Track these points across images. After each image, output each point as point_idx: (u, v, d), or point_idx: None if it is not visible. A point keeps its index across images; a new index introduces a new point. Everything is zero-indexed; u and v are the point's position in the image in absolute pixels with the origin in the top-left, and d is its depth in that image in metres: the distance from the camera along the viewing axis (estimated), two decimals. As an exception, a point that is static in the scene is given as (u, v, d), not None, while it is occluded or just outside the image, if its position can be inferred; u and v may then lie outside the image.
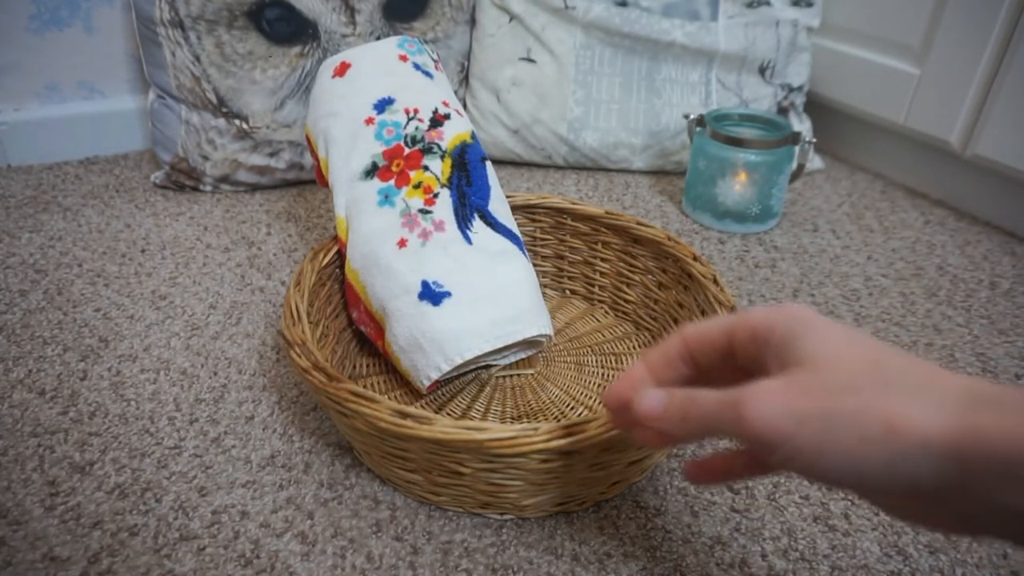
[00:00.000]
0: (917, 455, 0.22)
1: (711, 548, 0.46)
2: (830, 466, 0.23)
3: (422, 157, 0.57)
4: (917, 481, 0.22)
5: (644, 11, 0.96)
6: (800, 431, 0.23)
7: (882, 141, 1.03)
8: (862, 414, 0.23)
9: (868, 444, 0.22)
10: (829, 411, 0.23)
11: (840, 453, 0.23)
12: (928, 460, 0.22)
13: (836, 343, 0.25)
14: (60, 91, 0.99)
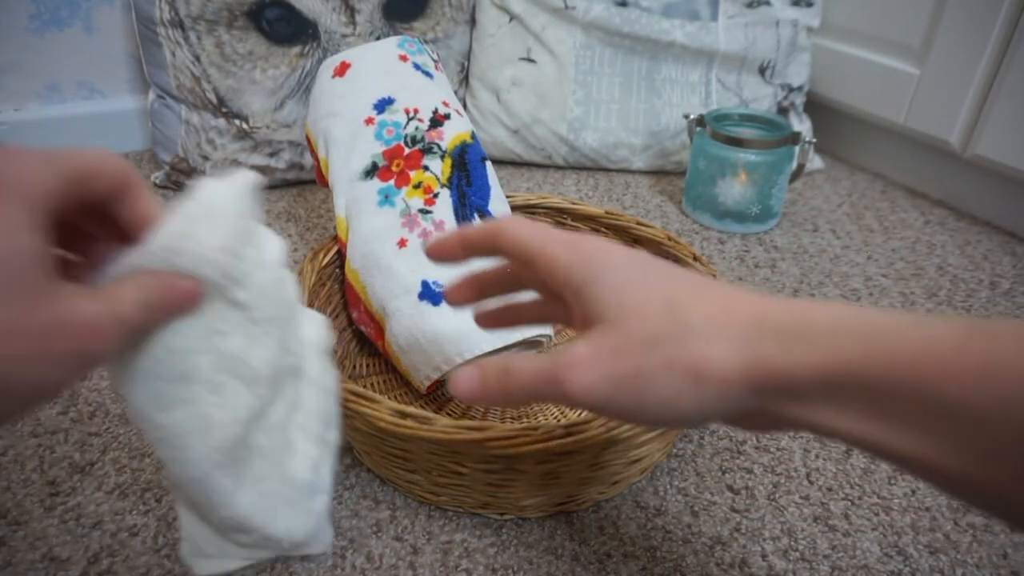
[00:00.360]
0: (723, 394, 0.24)
1: (711, 548, 0.46)
2: (652, 416, 0.26)
3: (422, 157, 0.57)
4: (728, 412, 0.26)
5: (644, 11, 0.96)
6: (618, 393, 0.25)
7: (882, 141, 1.03)
8: (670, 368, 0.25)
9: (681, 393, 0.25)
10: (640, 369, 0.25)
11: (658, 404, 0.25)
12: (731, 396, 0.24)
13: (631, 288, 0.26)
14: (60, 91, 0.99)
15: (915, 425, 0.22)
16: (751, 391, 0.24)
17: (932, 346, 0.21)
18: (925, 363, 0.21)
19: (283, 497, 0.32)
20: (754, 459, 0.53)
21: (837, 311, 0.24)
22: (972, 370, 0.20)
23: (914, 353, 0.21)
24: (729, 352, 0.24)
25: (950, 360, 0.21)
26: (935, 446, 0.21)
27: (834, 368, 0.23)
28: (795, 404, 0.24)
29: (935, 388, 0.21)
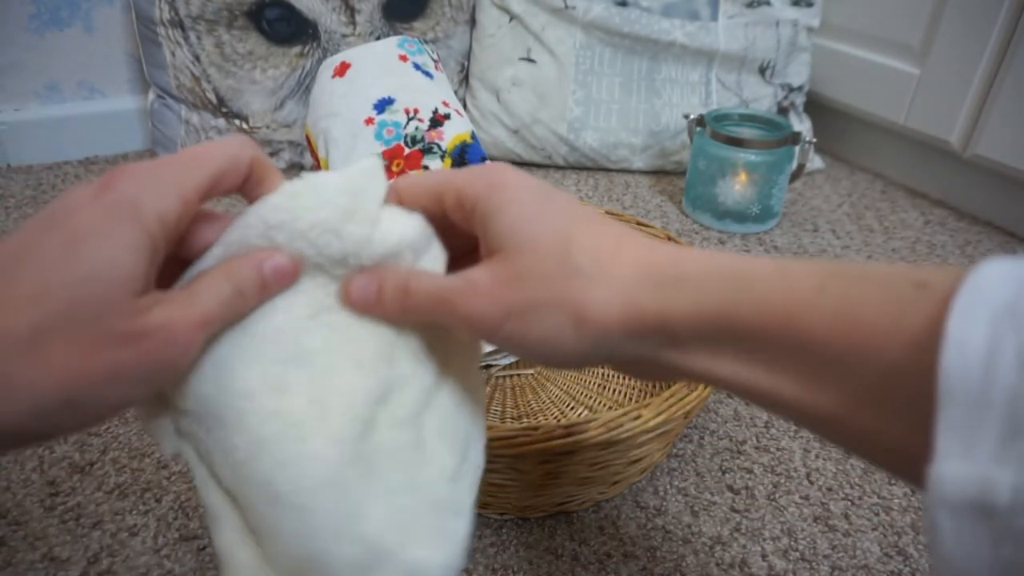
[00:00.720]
0: (601, 338, 0.25)
1: (711, 548, 0.46)
2: (534, 351, 0.26)
3: (422, 157, 0.57)
4: (609, 357, 0.26)
5: (644, 11, 0.96)
6: (507, 323, 0.26)
7: (882, 141, 1.03)
8: (554, 306, 0.25)
9: (562, 333, 0.25)
10: (528, 303, 0.26)
11: (541, 340, 0.26)
12: (610, 341, 0.25)
13: (531, 220, 0.26)
14: (60, 91, 0.99)
15: (782, 367, 0.22)
16: (628, 337, 0.25)
17: (794, 289, 0.22)
18: (790, 306, 0.22)
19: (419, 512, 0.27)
20: (754, 459, 0.53)
21: (711, 259, 0.25)
22: (831, 312, 0.21)
23: (778, 297, 0.22)
24: (609, 297, 0.25)
25: (811, 302, 0.21)
26: (801, 386, 0.22)
27: (705, 314, 0.23)
28: (673, 351, 0.25)
29: (798, 330, 0.22)
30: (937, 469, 0.17)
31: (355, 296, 0.28)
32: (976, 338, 0.17)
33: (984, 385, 0.17)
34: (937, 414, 0.17)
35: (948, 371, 0.17)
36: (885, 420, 0.20)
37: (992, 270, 0.18)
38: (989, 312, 0.17)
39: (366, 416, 0.27)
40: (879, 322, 0.20)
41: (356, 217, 0.27)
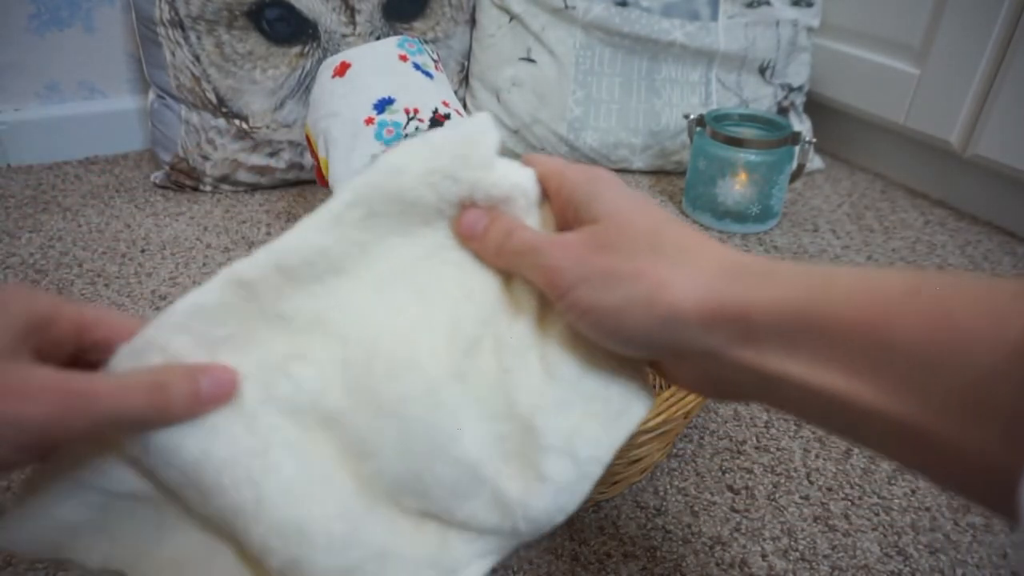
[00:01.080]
0: (670, 321, 0.25)
1: (711, 548, 0.46)
2: (600, 321, 0.26)
3: (422, 157, 0.57)
4: (672, 343, 0.26)
5: (644, 11, 0.96)
6: (581, 284, 0.26)
7: (882, 141, 1.03)
8: (633, 278, 0.25)
9: (634, 304, 0.25)
10: (608, 270, 0.26)
11: (610, 309, 0.26)
12: (678, 325, 0.25)
13: (627, 206, 0.28)
14: (60, 91, 0.99)
15: (864, 369, 0.21)
16: (701, 324, 0.25)
17: (887, 290, 0.21)
18: (880, 306, 0.21)
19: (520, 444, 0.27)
20: (754, 459, 0.53)
21: (801, 265, 0.25)
22: (925, 314, 0.20)
23: (868, 296, 0.22)
24: (689, 282, 0.25)
25: (903, 303, 0.21)
26: (883, 391, 0.21)
27: (787, 307, 0.23)
28: (746, 346, 0.24)
29: (887, 330, 0.21)
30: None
31: (464, 225, 0.30)
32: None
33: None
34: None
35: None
36: (974, 430, 0.19)
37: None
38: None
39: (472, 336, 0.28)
40: (977, 327, 0.19)
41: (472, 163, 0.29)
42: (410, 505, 0.27)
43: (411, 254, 0.29)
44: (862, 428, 0.22)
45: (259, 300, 0.28)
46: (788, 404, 0.25)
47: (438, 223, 0.30)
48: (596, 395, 0.28)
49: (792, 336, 0.23)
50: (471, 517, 0.27)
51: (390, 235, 0.29)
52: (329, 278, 0.29)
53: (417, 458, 0.27)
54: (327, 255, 0.28)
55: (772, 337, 0.23)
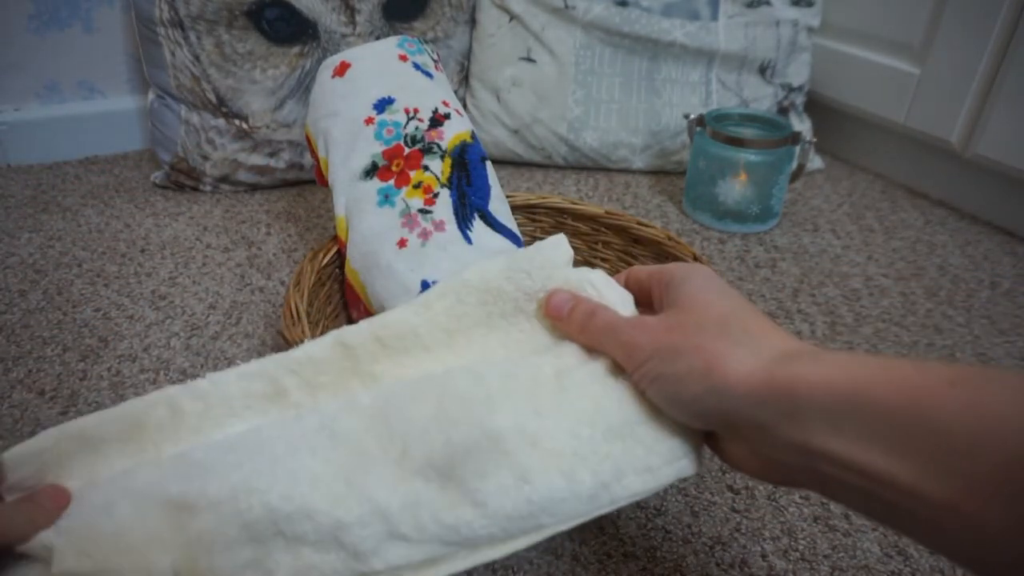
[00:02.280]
0: (723, 391, 0.27)
1: (711, 548, 0.46)
2: (663, 389, 0.30)
3: (422, 157, 0.57)
4: (724, 413, 0.28)
5: (644, 11, 0.96)
6: (652, 358, 0.30)
7: (882, 141, 1.03)
8: (695, 351, 0.29)
9: (692, 375, 0.28)
10: (675, 345, 0.29)
11: (672, 378, 0.29)
12: (731, 396, 0.27)
13: (707, 293, 0.31)
14: (60, 91, 0.99)
15: (904, 450, 0.23)
16: (750, 397, 0.27)
17: (928, 378, 0.23)
18: (922, 391, 0.23)
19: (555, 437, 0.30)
20: (754, 459, 0.53)
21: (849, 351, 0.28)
22: (964, 402, 0.22)
23: (912, 382, 0.24)
24: (745, 359, 0.27)
25: (945, 392, 0.23)
26: (921, 471, 0.23)
27: (834, 387, 0.25)
28: (793, 422, 0.26)
29: (928, 415, 0.23)
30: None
31: (552, 306, 0.34)
32: None
33: None
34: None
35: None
36: (1001, 511, 0.21)
37: None
38: None
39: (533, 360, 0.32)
40: (1009, 415, 0.21)
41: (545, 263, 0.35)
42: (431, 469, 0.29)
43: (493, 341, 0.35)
44: (899, 509, 0.24)
45: (356, 360, 0.34)
46: (831, 485, 0.26)
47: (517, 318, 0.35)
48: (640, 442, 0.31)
49: (836, 415, 0.25)
50: (488, 495, 0.28)
51: (475, 327, 0.35)
52: (417, 352, 0.34)
53: (448, 420, 0.29)
54: (416, 333, 0.34)
55: (817, 414, 0.25)
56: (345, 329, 0.34)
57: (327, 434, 0.30)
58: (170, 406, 0.32)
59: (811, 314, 0.71)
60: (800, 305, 0.73)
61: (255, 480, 0.28)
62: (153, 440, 0.31)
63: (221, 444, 0.30)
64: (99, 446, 0.31)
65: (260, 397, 0.33)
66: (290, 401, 0.33)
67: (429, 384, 0.32)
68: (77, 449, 0.30)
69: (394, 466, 0.29)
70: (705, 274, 0.33)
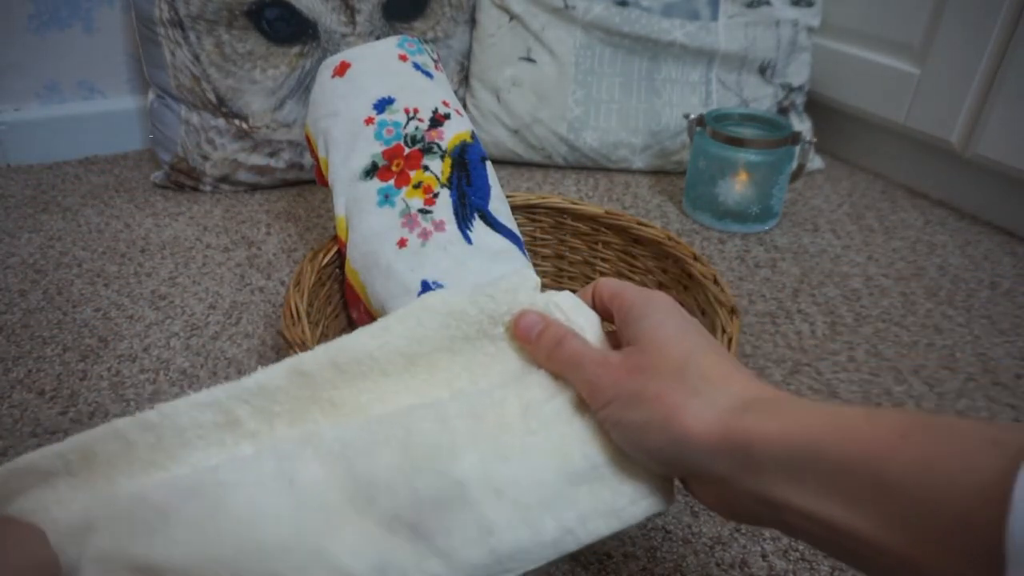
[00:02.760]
0: (682, 443, 0.27)
1: (711, 548, 0.46)
2: (625, 436, 0.30)
3: (422, 157, 0.57)
4: (686, 463, 0.28)
5: (644, 11, 0.96)
6: (614, 402, 0.30)
7: (882, 141, 1.03)
8: (654, 401, 0.28)
9: (652, 425, 0.28)
10: (635, 392, 0.29)
11: (633, 427, 0.29)
12: (691, 448, 0.27)
13: (667, 333, 0.31)
14: (60, 91, 0.99)
15: (861, 504, 0.23)
16: (709, 451, 0.27)
17: (880, 430, 0.24)
18: (873, 445, 0.23)
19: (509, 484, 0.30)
20: (754, 459, 0.53)
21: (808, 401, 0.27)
22: (911, 458, 0.23)
23: (864, 435, 0.24)
24: (703, 411, 0.27)
25: (896, 445, 0.23)
26: (878, 525, 0.23)
27: (793, 439, 0.25)
28: (750, 474, 0.26)
29: (880, 470, 0.23)
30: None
31: (521, 328, 0.34)
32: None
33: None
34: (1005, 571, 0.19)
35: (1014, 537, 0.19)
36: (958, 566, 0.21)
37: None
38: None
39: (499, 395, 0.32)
40: (954, 472, 0.21)
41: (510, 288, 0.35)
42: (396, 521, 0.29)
43: (457, 365, 0.34)
44: (862, 558, 0.24)
45: (314, 387, 0.33)
46: (798, 532, 0.26)
47: (481, 341, 0.34)
48: (606, 485, 0.31)
49: (793, 468, 0.25)
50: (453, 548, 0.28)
51: (436, 351, 0.34)
52: (376, 377, 0.33)
53: (412, 468, 0.29)
54: (373, 357, 0.33)
55: (773, 467, 0.25)
56: (300, 356, 0.33)
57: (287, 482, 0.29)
58: (119, 439, 0.31)
59: (811, 314, 0.71)
60: (800, 305, 0.73)
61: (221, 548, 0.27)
62: (104, 473, 0.31)
63: (179, 486, 0.30)
64: (49, 479, 0.30)
65: (212, 427, 0.32)
66: (245, 431, 0.32)
67: (392, 427, 0.31)
68: (29, 484, 0.30)
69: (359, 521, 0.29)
70: (664, 308, 0.32)
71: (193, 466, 0.31)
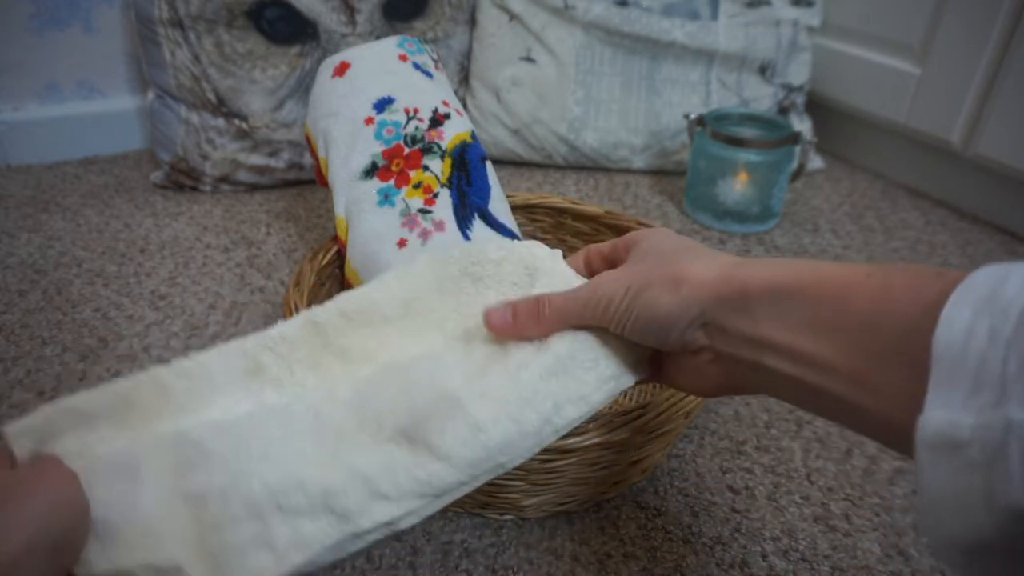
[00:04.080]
0: (692, 299, 0.31)
1: (711, 548, 0.46)
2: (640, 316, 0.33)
3: (422, 157, 0.57)
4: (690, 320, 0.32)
5: (644, 11, 0.95)
6: (626, 295, 0.33)
7: (883, 141, 1.03)
8: (661, 276, 0.32)
9: (662, 294, 0.32)
10: (644, 280, 0.33)
11: (645, 305, 0.32)
12: (698, 301, 0.31)
13: (664, 242, 0.35)
14: (60, 91, 0.99)
15: (827, 331, 0.27)
16: (711, 300, 0.31)
17: (852, 273, 0.28)
18: (844, 281, 0.28)
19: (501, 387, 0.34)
20: (754, 459, 0.53)
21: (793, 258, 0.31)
22: (874, 287, 0.27)
23: (839, 276, 0.28)
24: (707, 269, 0.32)
25: (861, 281, 0.27)
26: (836, 349, 0.27)
27: (781, 281, 0.29)
28: (743, 315, 0.30)
29: (847, 301, 0.27)
30: (924, 417, 0.22)
31: (494, 322, 0.35)
32: (961, 318, 0.22)
33: (962, 353, 0.22)
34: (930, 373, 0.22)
35: (939, 341, 0.22)
36: (897, 376, 0.25)
37: (985, 269, 0.23)
38: (974, 298, 0.22)
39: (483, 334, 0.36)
40: (905, 294, 0.25)
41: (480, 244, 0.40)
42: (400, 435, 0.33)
43: (446, 306, 0.38)
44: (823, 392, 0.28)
45: (326, 335, 0.37)
46: (772, 377, 0.30)
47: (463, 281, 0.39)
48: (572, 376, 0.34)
49: (778, 307, 0.29)
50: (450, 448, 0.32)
51: (428, 294, 0.38)
52: (379, 323, 0.37)
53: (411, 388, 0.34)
54: (376, 304, 0.38)
55: (764, 307, 0.30)
56: (313, 309, 0.37)
57: (312, 414, 0.34)
58: (156, 384, 0.34)
59: (811, 314, 0.71)
60: (800, 305, 0.73)
61: (255, 464, 0.31)
62: (142, 417, 0.33)
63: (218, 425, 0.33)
64: (91, 421, 0.32)
65: (241, 373, 0.35)
66: (270, 376, 0.35)
67: (397, 371, 0.35)
68: (71, 424, 0.32)
69: (370, 439, 0.33)
70: (664, 231, 0.37)
71: (224, 409, 0.34)
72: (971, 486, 0.21)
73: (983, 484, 0.20)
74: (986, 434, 0.20)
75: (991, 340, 0.21)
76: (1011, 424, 0.20)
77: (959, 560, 0.22)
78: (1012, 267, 0.22)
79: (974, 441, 0.20)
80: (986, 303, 0.22)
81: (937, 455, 0.22)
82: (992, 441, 0.20)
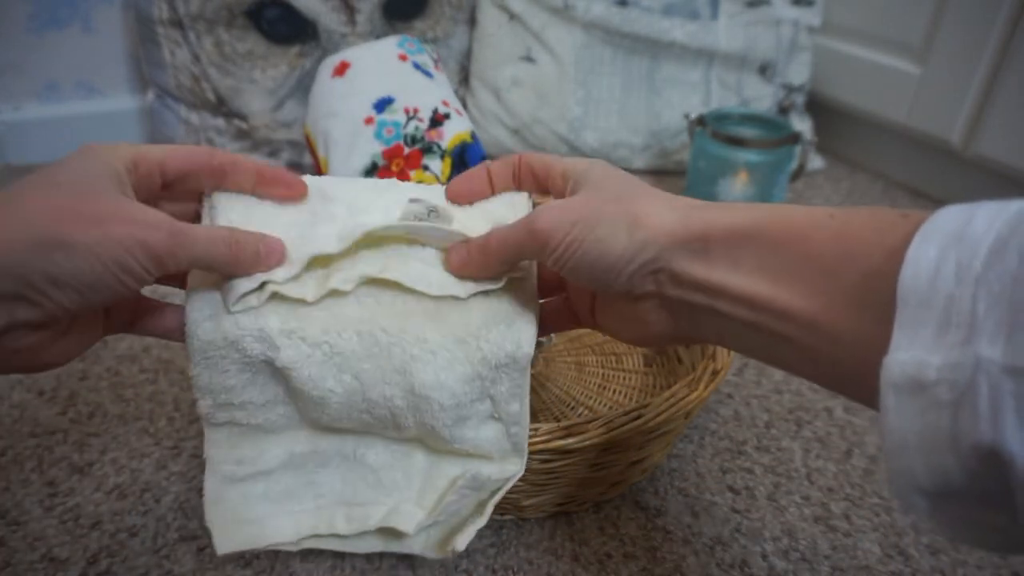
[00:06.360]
0: (649, 242, 0.30)
1: (712, 548, 0.46)
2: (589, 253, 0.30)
3: (422, 157, 0.57)
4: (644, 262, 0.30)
5: (644, 10, 0.95)
6: (573, 230, 0.30)
7: (883, 140, 1.03)
8: (617, 213, 0.30)
9: (616, 233, 0.30)
10: (596, 213, 0.31)
11: (596, 242, 0.30)
12: (655, 245, 0.30)
13: (610, 176, 0.33)
14: (59, 91, 0.99)
15: (786, 275, 0.26)
16: (670, 245, 0.29)
17: (813, 215, 0.27)
18: (805, 224, 0.27)
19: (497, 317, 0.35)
20: (754, 459, 0.53)
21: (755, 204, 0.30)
22: (835, 231, 0.26)
23: (798, 219, 0.27)
24: (663, 212, 0.30)
25: (822, 223, 0.26)
26: (793, 292, 0.26)
27: (737, 227, 0.28)
28: (700, 261, 0.29)
29: (808, 243, 0.26)
30: (889, 358, 0.21)
31: (455, 262, 0.35)
32: (927, 257, 0.21)
33: (928, 293, 0.21)
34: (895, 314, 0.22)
35: (904, 281, 0.22)
36: (858, 320, 0.24)
37: (950, 208, 0.23)
38: (940, 236, 0.22)
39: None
40: (868, 236, 0.24)
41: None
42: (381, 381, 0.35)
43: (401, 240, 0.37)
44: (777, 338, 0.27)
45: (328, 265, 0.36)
46: (722, 323, 0.29)
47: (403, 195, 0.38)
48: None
49: (736, 251, 0.28)
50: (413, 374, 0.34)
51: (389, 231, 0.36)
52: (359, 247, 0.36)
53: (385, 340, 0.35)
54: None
55: (721, 252, 0.28)
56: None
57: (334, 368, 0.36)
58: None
59: (811, 314, 0.71)
60: (800, 305, 0.73)
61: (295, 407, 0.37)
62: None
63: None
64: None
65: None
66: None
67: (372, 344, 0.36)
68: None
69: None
70: (605, 164, 0.35)
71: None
72: (937, 426, 0.20)
73: (950, 424, 0.20)
74: (954, 373, 0.20)
75: (959, 278, 0.21)
76: (980, 361, 0.19)
77: (923, 505, 0.22)
78: (978, 205, 0.22)
79: (941, 381, 0.20)
80: (953, 240, 0.21)
81: (902, 397, 0.21)
82: (960, 380, 0.20)
